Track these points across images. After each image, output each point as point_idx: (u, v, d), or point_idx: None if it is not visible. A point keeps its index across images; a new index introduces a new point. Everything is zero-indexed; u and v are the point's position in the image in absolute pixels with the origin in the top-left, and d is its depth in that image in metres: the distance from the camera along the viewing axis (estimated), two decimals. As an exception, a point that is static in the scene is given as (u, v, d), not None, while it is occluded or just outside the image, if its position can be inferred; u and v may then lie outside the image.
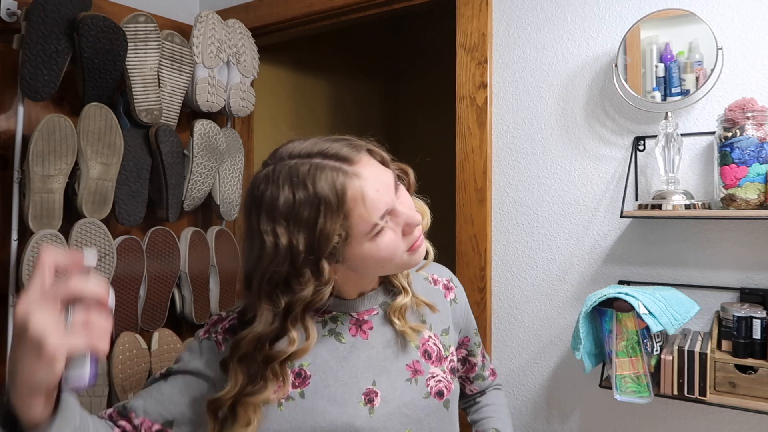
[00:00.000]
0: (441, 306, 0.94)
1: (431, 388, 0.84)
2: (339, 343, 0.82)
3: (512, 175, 1.43)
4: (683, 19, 1.19)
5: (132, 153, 1.52)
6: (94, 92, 1.44)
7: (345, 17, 1.73)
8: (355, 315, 0.85)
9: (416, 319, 0.90)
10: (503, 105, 1.45)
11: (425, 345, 0.88)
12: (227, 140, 1.77)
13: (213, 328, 0.82)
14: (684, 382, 1.07)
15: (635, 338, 1.10)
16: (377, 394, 0.80)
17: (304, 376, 0.79)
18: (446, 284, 0.98)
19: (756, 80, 1.16)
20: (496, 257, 1.45)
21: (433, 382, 0.85)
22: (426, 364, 0.86)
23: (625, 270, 1.29)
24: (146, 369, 1.54)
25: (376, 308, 0.87)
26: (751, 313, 1.07)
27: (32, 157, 1.32)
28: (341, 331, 0.83)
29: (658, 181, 1.25)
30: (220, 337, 0.81)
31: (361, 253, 0.74)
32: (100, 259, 1.44)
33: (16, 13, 1.37)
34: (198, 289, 1.70)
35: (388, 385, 0.82)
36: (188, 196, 1.66)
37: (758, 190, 1.07)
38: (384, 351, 0.84)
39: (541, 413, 1.40)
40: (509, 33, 1.44)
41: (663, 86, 1.20)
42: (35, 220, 1.34)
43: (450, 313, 0.95)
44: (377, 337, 0.85)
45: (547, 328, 1.39)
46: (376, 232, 0.73)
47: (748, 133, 1.07)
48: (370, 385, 0.81)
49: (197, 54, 1.65)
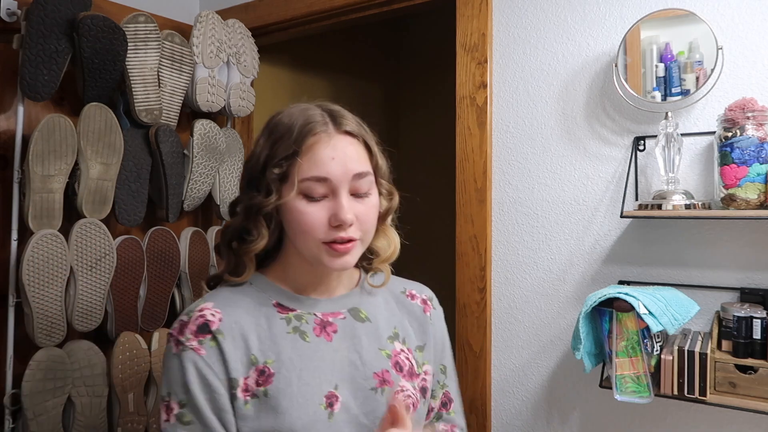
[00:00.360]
0: (417, 320, 0.92)
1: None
2: (303, 341, 0.81)
3: (512, 175, 1.43)
4: (683, 19, 1.19)
5: (132, 153, 1.52)
6: (94, 92, 1.44)
7: (345, 17, 1.73)
8: (319, 315, 0.84)
9: (389, 327, 0.89)
10: (503, 105, 1.45)
11: (397, 357, 0.86)
12: (227, 140, 1.77)
13: (182, 336, 0.78)
14: (684, 382, 1.07)
15: (635, 338, 1.10)
16: (338, 398, 0.79)
17: (268, 374, 0.77)
18: (425, 300, 0.96)
19: (756, 80, 1.16)
20: (496, 257, 1.45)
21: (401, 396, 0.82)
22: (396, 376, 0.84)
23: (625, 270, 1.29)
24: (146, 369, 1.54)
25: (343, 312, 0.86)
26: (751, 313, 1.07)
27: (32, 157, 1.32)
28: (305, 329, 0.82)
29: (658, 181, 1.25)
30: (194, 342, 0.77)
31: (290, 205, 0.78)
32: (100, 259, 1.44)
33: (16, 13, 1.37)
34: (198, 289, 1.69)
35: (350, 392, 0.80)
36: (188, 196, 1.66)
37: (758, 190, 1.07)
38: (350, 355, 0.82)
39: (541, 413, 1.40)
40: (509, 33, 1.44)
41: (663, 86, 1.20)
42: (35, 220, 1.34)
43: (428, 330, 0.93)
44: (342, 341, 0.83)
45: (547, 328, 1.39)
46: (305, 192, 0.77)
47: (748, 133, 1.07)
48: (332, 388, 0.79)
49: (197, 54, 1.65)
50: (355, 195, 0.80)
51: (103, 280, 1.45)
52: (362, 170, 0.80)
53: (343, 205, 0.77)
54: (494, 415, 1.45)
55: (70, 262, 1.39)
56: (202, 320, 0.78)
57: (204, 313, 0.79)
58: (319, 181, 0.77)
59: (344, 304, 0.87)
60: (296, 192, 0.77)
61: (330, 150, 0.78)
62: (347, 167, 0.78)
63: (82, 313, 1.42)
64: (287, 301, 0.84)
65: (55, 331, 1.37)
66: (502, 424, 1.44)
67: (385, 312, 0.91)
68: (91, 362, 1.44)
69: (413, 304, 0.94)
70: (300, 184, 0.77)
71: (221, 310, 0.80)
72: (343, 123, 0.80)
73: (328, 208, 0.78)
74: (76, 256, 1.40)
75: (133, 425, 1.52)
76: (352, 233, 0.78)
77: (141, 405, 1.53)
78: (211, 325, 0.78)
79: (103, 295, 1.46)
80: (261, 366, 0.78)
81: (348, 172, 0.78)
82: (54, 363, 1.36)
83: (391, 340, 0.88)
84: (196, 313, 0.79)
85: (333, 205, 0.78)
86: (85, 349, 1.44)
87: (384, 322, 0.89)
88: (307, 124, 0.79)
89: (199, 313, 0.79)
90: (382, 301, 0.92)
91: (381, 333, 0.87)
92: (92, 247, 1.43)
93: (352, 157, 0.79)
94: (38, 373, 1.33)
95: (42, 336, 1.35)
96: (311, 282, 0.86)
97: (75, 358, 1.41)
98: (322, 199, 0.78)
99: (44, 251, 1.34)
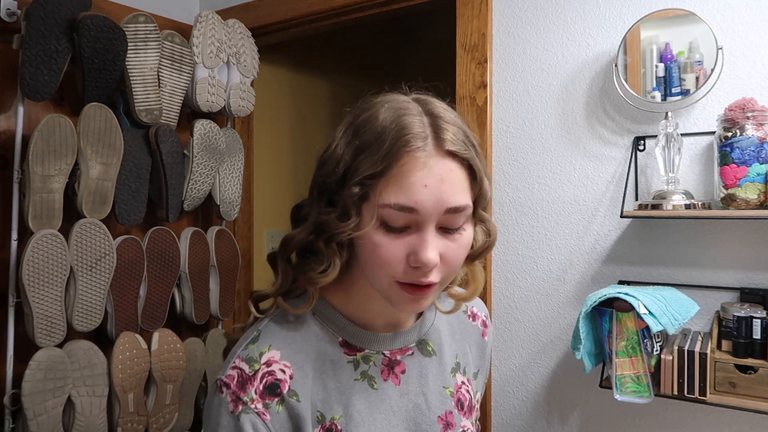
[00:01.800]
0: (477, 345, 0.84)
1: None
2: (371, 389, 0.70)
3: (512, 175, 1.43)
4: (683, 19, 1.19)
5: (132, 153, 1.52)
6: (94, 92, 1.44)
7: (345, 17, 1.73)
8: (387, 354, 0.73)
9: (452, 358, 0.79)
10: (503, 105, 1.45)
11: (458, 392, 0.77)
12: (227, 140, 1.77)
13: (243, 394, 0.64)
14: (684, 382, 1.07)
15: (635, 338, 1.10)
16: None
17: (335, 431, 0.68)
18: (484, 321, 0.87)
19: (756, 80, 1.16)
20: (496, 257, 1.45)
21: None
22: (458, 416, 0.76)
23: (625, 270, 1.29)
24: (146, 369, 1.54)
25: (411, 348, 0.75)
26: (751, 313, 1.07)
27: (32, 157, 1.32)
28: (374, 374, 0.71)
29: (658, 181, 1.25)
30: (259, 405, 0.64)
31: (365, 235, 0.63)
32: (100, 259, 1.44)
33: (16, 13, 1.37)
34: (198, 289, 1.70)
35: None
36: (188, 196, 1.66)
37: (758, 190, 1.07)
38: (416, 399, 0.73)
39: (541, 413, 1.40)
40: (509, 33, 1.44)
41: (663, 86, 1.20)
42: (35, 220, 1.34)
43: (485, 355, 0.85)
44: (409, 383, 0.73)
45: (547, 328, 1.39)
46: (384, 219, 0.62)
47: (748, 133, 1.07)
48: None
49: (197, 54, 1.65)
50: (444, 229, 0.64)
51: (103, 280, 1.45)
52: (460, 204, 0.62)
53: (429, 244, 0.62)
54: (494, 415, 1.45)
55: (70, 262, 1.39)
56: (271, 379, 0.66)
57: (273, 369, 0.66)
58: (403, 211, 0.61)
59: (412, 337, 0.76)
60: (375, 218, 0.62)
61: (424, 175, 0.61)
62: (441, 199, 0.61)
63: (82, 313, 1.42)
64: (354, 339, 0.71)
65: (55, 331, 1.37)
66: (502, 424, 1.44)
67: (449, 339, 0.81)
68: (91, 362, 1.44)
69: (474, 326, 0.85)
70: (380, 210, 0.62)
71: (291, 363, 0.67)
72: (446, 140, 0.62)
73: (410, 244, 0.62)
74: (76, 256, 1.40)
75: (133, 425, 1.52)
76: (432, 277, 0.63)
77: (141, 405, 1.53)
78: (282, 386, 0.66)
79: (103, 295, 1.46)
80: (328, 424, 0.67)
81: (441, 204, 0.61)
82: (54, 363, 1.36)
83: (453, 372, 0.79)
84: (262, 367, 0.66)
85: (416, 242, 0.62)
86: (85, 349, 1.44)
87: (448, 352, 0.79)
88: (402, 135, 0.61)
89: (267, 368, 0.66)
90: (446, 325, 0.81)
91: (445, 367, 0.78)
92: (92, 247, 1.43)
93: (450, 186, 0.62)
94: (38, 373, 1.33)
95: (42, 336, 1.35)
96: (381, 315, 0.73)
97: (75, 358, 1.41)
98: (403, 230, 0.63)
99: (44, 251, 1.34)
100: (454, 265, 0.65)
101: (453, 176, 0.62)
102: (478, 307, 0.87)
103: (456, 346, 0.81)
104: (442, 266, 0.64)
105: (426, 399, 0.73)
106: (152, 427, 1.57)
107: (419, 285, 0.63)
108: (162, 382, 1.57)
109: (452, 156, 0.63)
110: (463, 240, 0.65)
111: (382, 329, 0.73)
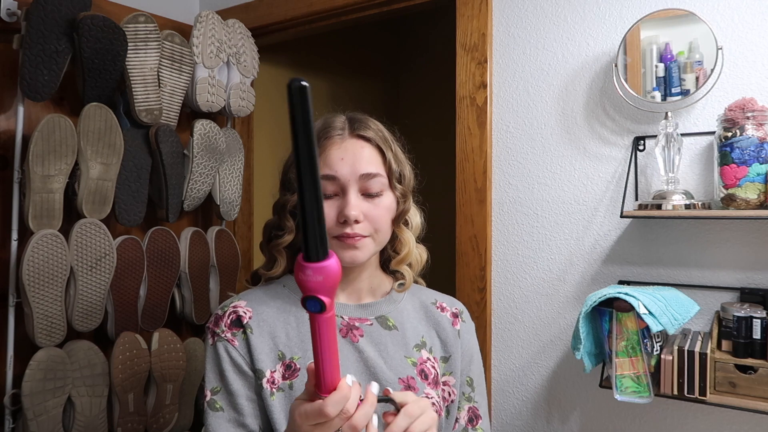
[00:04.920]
0: (445, 332, 0.93)
1: None
2: None
3: (512, 175, 1.43)
4: (683, 19, 1.19)
5: (132, 153, 1.52)
6: (94, 92, 1.44)
7: (345, 17, 1.73)
8: (346, 318, 0.87)
9: (416, 336, 0.90)
10: (503, 105, 1.45)
11: (423, 365, 0.88)
12: (227, 140, 1.77)
13: (217, 329, 0.86)
14: (684, 382, 1.07)
15: (635, 338, 1.10)
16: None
17: (294, 369, 0.82)
18: (455, 313, 0.97)
19: (756, 80, 1.16)
20: (496, 257, 1.45)
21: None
22: (421, 383, 0.86)
23: (625, 270, 1.29)
24: (146, 369, 1.54)
25: (371, 319, 0.89)
26: (751, 313, 1.07)
27: (32, 157, 1.32)
28: None
29: (658, 181, 1.25)
30: (228, 334, 0.85)
31: None
32: (100, 259, 1.44)
33: (16, 13, 1.37)
34: (198, 289, 1.70)
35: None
36: (188, 196, 1.66)
37: (758, 190, 1.07)
38: (375, 359, 0.85)
39: (541, 413, 1.40)
40: (509, 33, 1.44)
41: (663, 86, 1.20)
42: (35, 220, 1.34)
43: (455, 344, 0.93)
44: (368, 345, 0.86)
45: (547, 328, 1.39)
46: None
47: (748, 133, 1.07)
48: None
49: (197, 54, 1.65)
50: (366, 195, 0.84)
51: (103, 280, 1.45)
52: (371, 171, 0.84)
53: (349, 202, 0.81)
54: (494, 416, 1.45)
55: (70, 262, 1.39)
56: (234, 315, 0.86)
57: (237, 310, 0.86)
58: (328, 179, 0.82)
59: (372, 311, 0.90)
60: None
61: (340, 151, 0.83)
62: (355, 167, 0.83)
63: (82, 313, 1.42)
64: None
65: (55, 331, 1.37)
66: (502, 424, 1.44)
67: (414, 321, 0.92)
68: (91, 362, 1.44)
69: (443, 316, 0.95)
70: None
71: (252, 309, 0.87)
72: (358, 128, 0.85)
73: (338, 205, 0.82)
74: (76, 256, 1.40)
75: (133, 425, 1.52)
76: (359, 230, 0.82)
77: (141, 405, 1.53)
78: (243, 320, 0.85)
79: (103, 295, 1.46)
80: (288, 361, 0.83)
81: (356, 171, 0.83)
82: (54, 363, 1.36)
83: (418, 348, 0.89)
84: (229, 309, 0.87)
85: (342, 203, 0.82)
86: (85, 349, 1.44)
87: (411, 330, 0.91)
88: (325, 128, 0.86)
89: (233, 309, 0.86)
90: (411, 309, 0.94)
91: (408, 341, 0.89)
92: (92, 247, 1.43)
93: (361, 158, 0.84)
94: (38, 373, 1.33)
95: (42, 336, 1.35)
96: (343, 285, 0.88)
97: (75, 358, 1.41)
98: (333, 197, 0.83)
99: (44, 251, 1.34)
100: (378, 222, 0.84)
101: (364, 152, 0.84)
102: (447, 302, 0.99)
103: (422, 329, 0.93)
104: (367, 224, 0.83)
105: (386, 362, 0.85)
106: (152, 427, 1.57)
107: (348, 235, 0.82)
108: (162, 382, 1.57)
109: (364, 138, 0.85)
110: (382, 203, 0.85)
111: (345, 299, 0.89)
